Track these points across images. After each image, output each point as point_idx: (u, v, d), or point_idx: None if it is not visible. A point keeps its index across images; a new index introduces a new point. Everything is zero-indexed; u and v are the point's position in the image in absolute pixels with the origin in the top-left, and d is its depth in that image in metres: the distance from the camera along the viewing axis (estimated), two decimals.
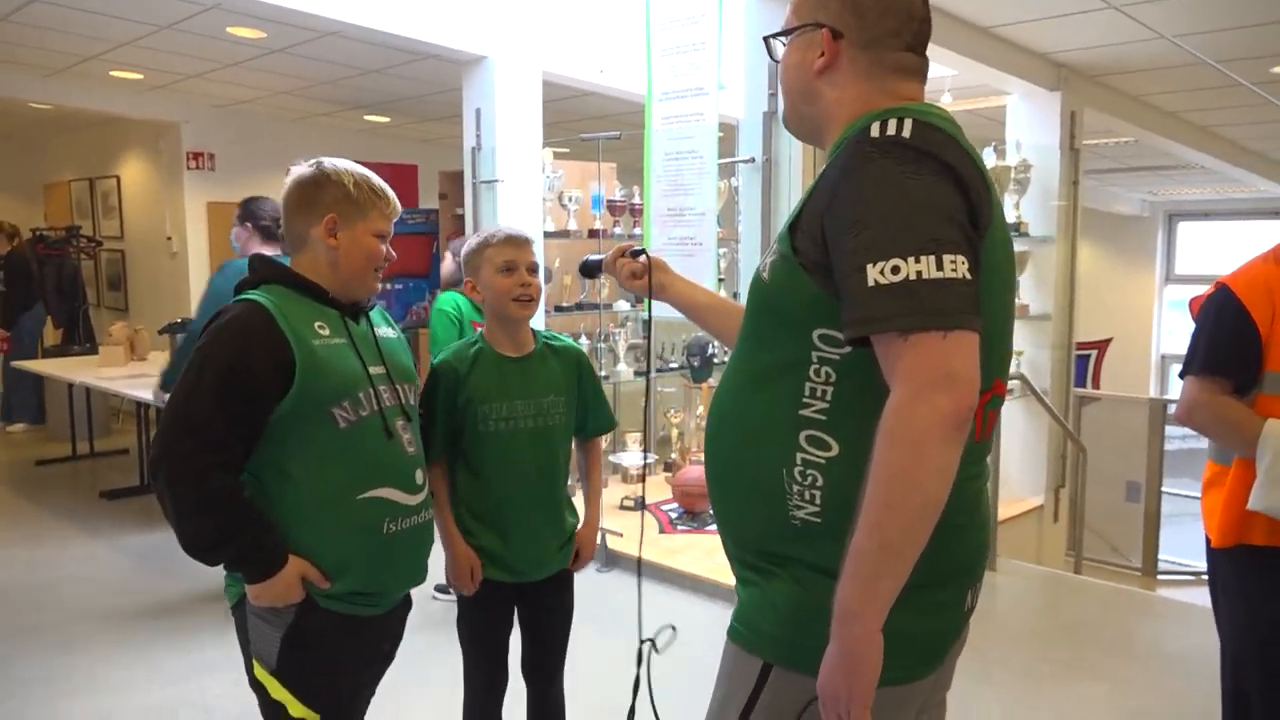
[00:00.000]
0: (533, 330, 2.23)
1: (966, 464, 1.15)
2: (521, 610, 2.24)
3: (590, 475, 2.40)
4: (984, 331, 1.13)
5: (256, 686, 1.76)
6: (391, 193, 1.86)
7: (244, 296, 1.73)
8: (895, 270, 1.09)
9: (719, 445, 1.38)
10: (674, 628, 1.63)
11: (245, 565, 1.66)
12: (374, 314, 1.91)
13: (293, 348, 1.66)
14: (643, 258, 1.79)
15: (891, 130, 1.17)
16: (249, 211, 3.66)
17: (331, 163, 1.82)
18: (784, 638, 1.26)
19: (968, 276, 1.11)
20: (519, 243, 2.17)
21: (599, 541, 2.36)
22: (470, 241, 2.22)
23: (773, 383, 1.28)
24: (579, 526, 2.31)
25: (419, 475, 1.85)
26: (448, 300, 3.83)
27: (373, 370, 1.79)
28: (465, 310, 3.75)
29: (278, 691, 1.73)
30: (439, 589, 3.91)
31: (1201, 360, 2.14)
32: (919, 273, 1.09)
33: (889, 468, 1.09)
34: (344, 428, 1.71)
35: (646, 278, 1.77)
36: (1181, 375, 2.20)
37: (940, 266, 1.09)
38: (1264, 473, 2.03)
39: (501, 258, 2.13)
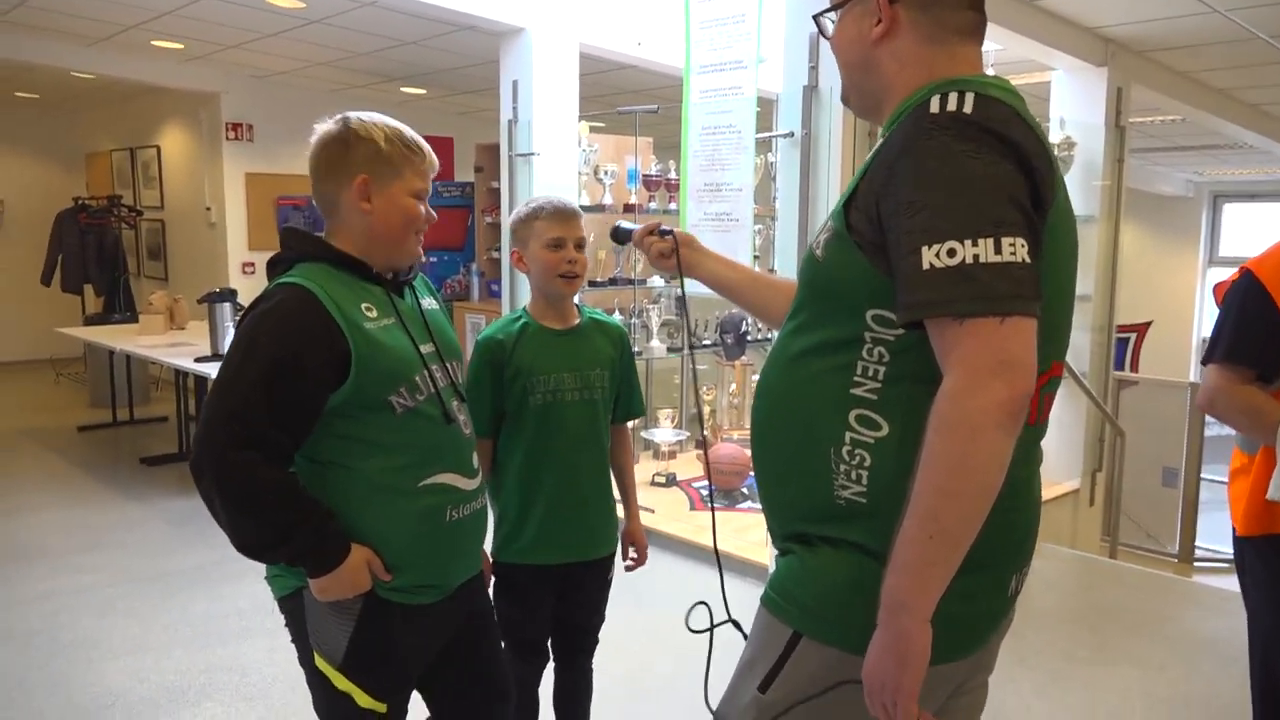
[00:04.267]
0: (577, 305, 2.22)
1: (1019, 448, 1.13)
2: (563, 589, 2.22)
3: (625, 463, 2.34)
4: (1044, 314, 1.10)
5: (316, 677, 1.69)
6: (427, 146, 1.71)
7: (286, 280, 1.60)
8: (952, 253, 1.07)
9: (766, 419, 1.37)
10: (707, 605, 1.62)
11: (308, 560, 1.57)
12: (416, 283, 1.80)
13: (347, 338, 1.55)
14: (669, 237, 1.75)
15: (952, 105, 1.13)
16: None
17: (359, 117, 1.67)
18: (816, 609, 1.26)
19: (1027, 260, 1.07)
20: (567, 217, 2.13)
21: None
22: (519, 211, 2.18)
23: (824, 360, 1.26)
24: (626, 522, 2.31)
25: (475, 459, 1.79)
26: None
27: (424, 350, 1.69)
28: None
29: (344, 684, 1.66)
30: None
31: (1224, 347, 2.09)
32: (976, 256, 1.06)
33: (944, 455, 1.07)
34: (401, 414, 1.62)
35: (675, 258, 1.74)
36: (1204, 362, 2.16)
37: (999, 250, 1.06)
38: None
39: (550, 233, 2.10)
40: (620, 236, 1.92)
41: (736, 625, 1.55)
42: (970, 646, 1.28)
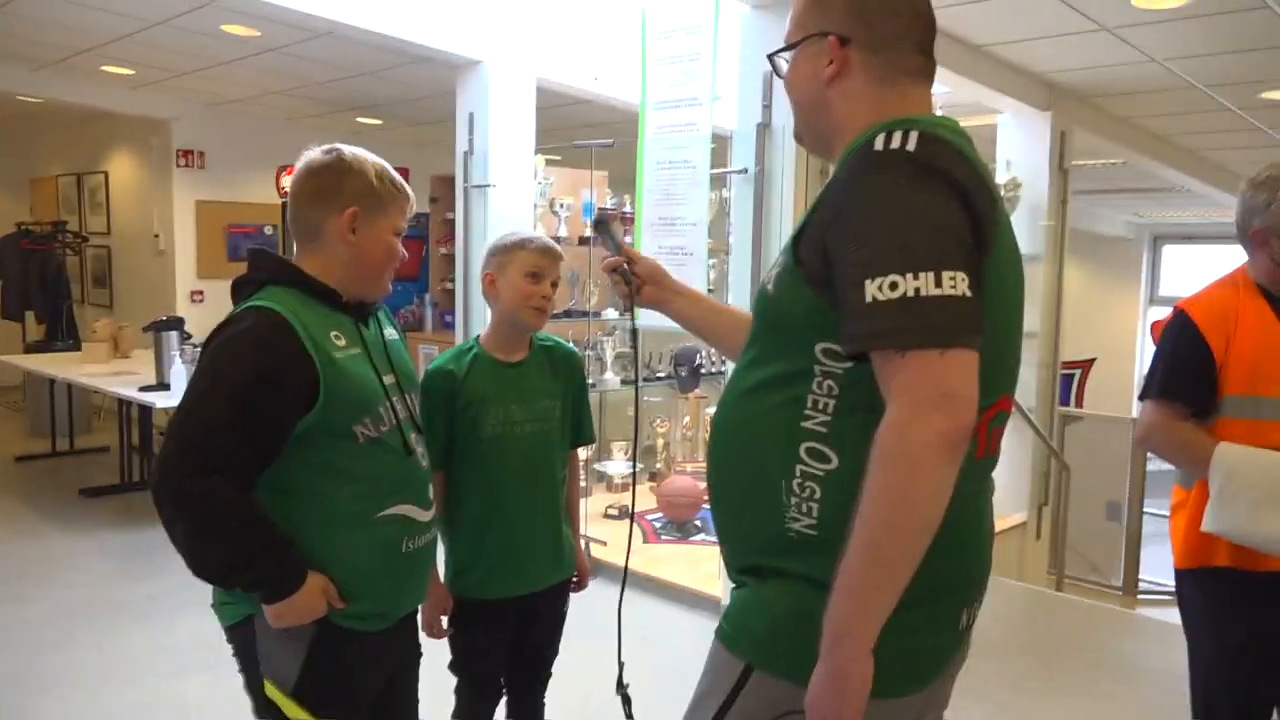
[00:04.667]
0: (531, 335, 2.22)
1: (968, 479, 1.14)
2: (519, 619, 2.21)
3: (571, 489, 2.34)
4: (987, 348, 1.11)
5: (267, 707, 1.67)
6: (409, 188, 1.76)
7: (256, 304, 1.59)
8: (894, 286, 1.08)
9: (721, 453, 1.38)
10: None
11: (266, 586, 1.56)
12: (380, 314, 1.82)
13: (317, 366, 1.55)
14: (632, 280, 1.72)
15: (896, 143, 1.15)
16: None
17: (351, 150, 1.69)
18: (768, 641, 1.26)
19: (968, 294, 1.09)
20: (553, 255, 2.15)
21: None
22: (505, 237, 2.17)
23: (776, 393, 1.26)
24: None
25: (430, 490, 1.80)
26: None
27: (386, 381, 1.70)
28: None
29: (295, 712, 1.64)
30: None
31: (1159, 385, 2.16)
32: (917, 289, 1.07)
33: (886, 487, 1.08)
34: (364, 443, 1.63)
35: (633, 294, 1.72)
36: (1140, 398, 2.22)
37: (939, 283, 1.08)
38: (1215, 495, 2.04)
39: (533, 263, 2.11)
40: (601, 230, 1.84)
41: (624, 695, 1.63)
42: (923, 680, 1.28)
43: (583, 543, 2.37)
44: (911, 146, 1.15)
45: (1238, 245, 2.24)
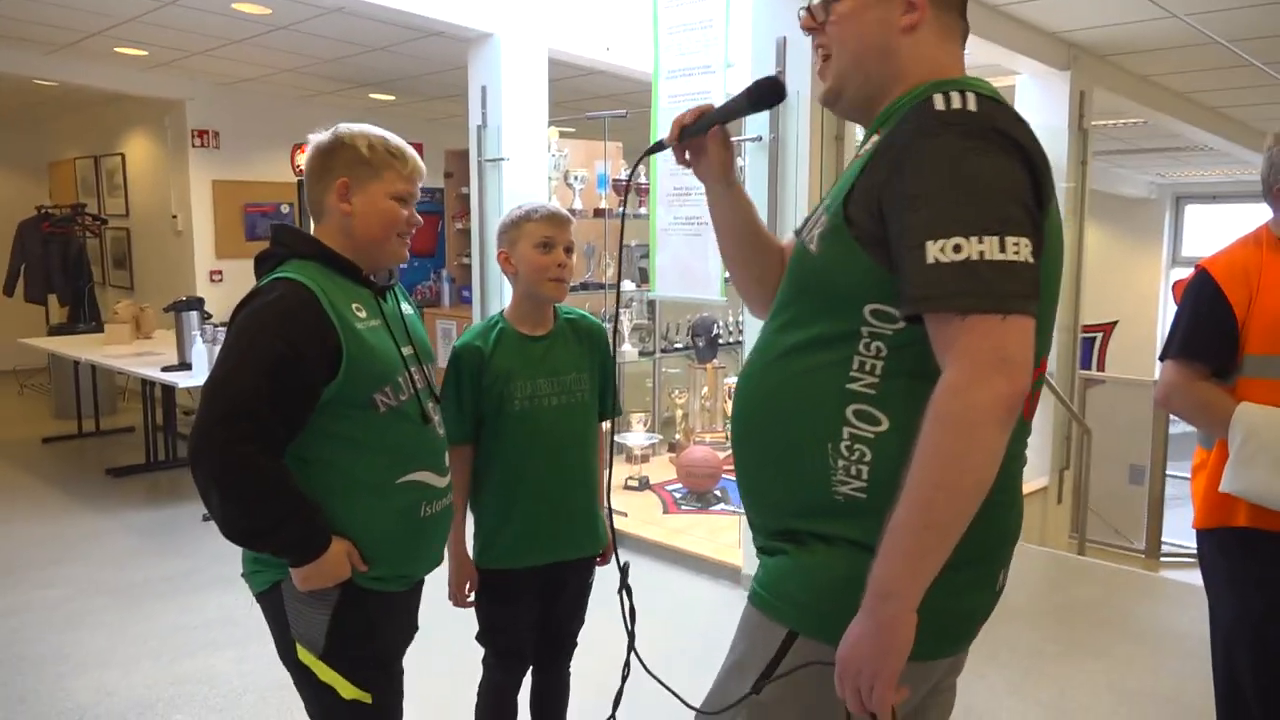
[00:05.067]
0: (554, 307, 2.21)
1: (1015, 440, 1.13)
2: (546, 590, 2.22)
3: (595, 460, 2.35)
4: (1038, 313, 1.11)
5: (300, 671, 1.73)
6: (412, 152, 1.77)
7: (282, 274, 1.65)
8: (957, 249, 1.08)
9: (752, 416, 1.35)
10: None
11: (294, 550, 1.62)
12: (397, 290, 1.87)
13: (339, 334, 1.61)
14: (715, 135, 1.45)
15: (956, 103, 1.14)
16: None
17: (349, 127, 1.74)
18: (814, 607, 1.24)
19: (1030, 260, 1.09)
20: (560, 220, 2.13)
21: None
22: (510, 213, 2.17)
23: (818, 355, 1.24)
24: None
25: (447, 457, 1.86)
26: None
27: (405, 352, 1.76)
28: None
29: (326, 674, 1.70)
30: None
31: (1179, 344, 2.13)
32: (981, 253, 1.07)
33: (942, 449, 1.07)
34: (384, 412, 1.68)
35: (717, 153, 1.47)
36: (1161, 358, 2.19)
37: (1003, 248, 1.07)
38: (1234, 454, 2.02)
39: (541, 233, 2.10)
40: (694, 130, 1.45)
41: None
42: (958, 641, 1.29)
43: (605, 513, 2.37)
44: (973, 107, 1.14)
45: (1262, 204, 2.20)
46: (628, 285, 5.70)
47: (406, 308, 1.87)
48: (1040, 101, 5.49)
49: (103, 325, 7.26)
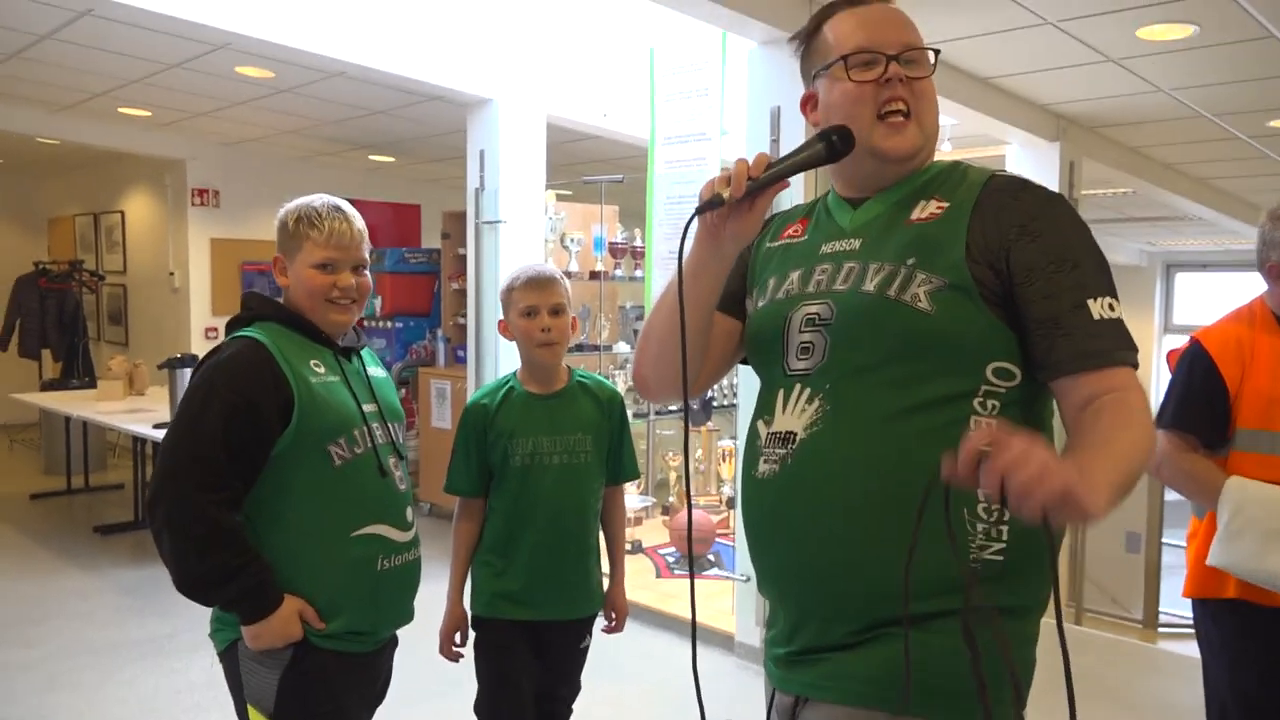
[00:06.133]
0: (569, 369, 2.24)
1: None
2: (535, 648, 2.20)
3: (613, 526, 2.34)
4: None
5: None
6: (334, 218, 1.76)
7: (241, 334, 1.73)
8: (1111, 307, 1.18)
9: (860, 488, 1.21)
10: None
11: (243, 605, 1.63)
12: (364, 354, 1.91)
13: (291, 385, 1.66)
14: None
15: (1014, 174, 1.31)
16: None
17: (293, 202, 1.82)
18: (968, 692, 1.12)
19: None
20: (541, 284, 2.15)
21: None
22: (502, 281, 2.25)
23: (936, 415, 1.20)
24: (609, 586, 2.30)
25: (409, 513, 1.86)
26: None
27: (366, 408, 1.79)
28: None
29: None
30: None
31: (1171, 415, 2.15)
32: (1119, 311, 1.19)
33: (1144, 426, 1.14)
34: (339, 465, 1.72)
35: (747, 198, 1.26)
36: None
37: (1118, 306, 1.20)
38: (1222, 529, 2.03)
39: (524, 302, 2.14)
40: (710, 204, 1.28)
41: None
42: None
43: (611, 579, 2.36)
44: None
45: (1253, 272, 2.23)
46: (622, 346, 5.71)
47: (376, 370, 1.92)
48: (1030, 171, 5.57)
49: (96, 381, 7.23)
